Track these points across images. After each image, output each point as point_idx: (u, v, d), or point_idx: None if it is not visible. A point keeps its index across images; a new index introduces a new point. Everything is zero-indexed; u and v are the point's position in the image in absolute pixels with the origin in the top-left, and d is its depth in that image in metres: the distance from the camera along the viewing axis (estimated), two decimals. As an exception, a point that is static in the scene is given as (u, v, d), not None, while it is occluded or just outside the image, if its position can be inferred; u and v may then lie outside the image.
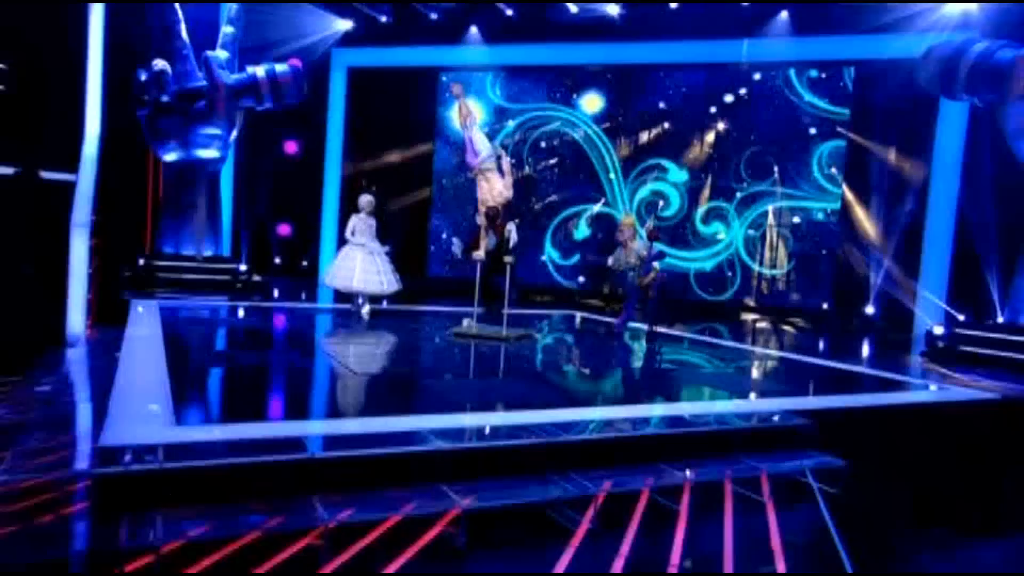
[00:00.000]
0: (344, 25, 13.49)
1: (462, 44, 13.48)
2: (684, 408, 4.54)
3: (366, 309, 8.42)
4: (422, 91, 14.35)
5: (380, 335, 7.28)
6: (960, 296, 10.92)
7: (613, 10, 12.12)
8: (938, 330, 7.52)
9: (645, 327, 8.00)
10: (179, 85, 10.45)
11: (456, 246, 9.00)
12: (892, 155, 11.66)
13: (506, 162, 7.36)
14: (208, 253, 11.09)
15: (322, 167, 14.52)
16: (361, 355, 5.90)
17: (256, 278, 11.00)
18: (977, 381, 5.97)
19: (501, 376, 5.30)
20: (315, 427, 3.46)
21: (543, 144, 13.99)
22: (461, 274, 14.33)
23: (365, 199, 8.52)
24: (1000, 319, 10.45)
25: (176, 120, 10.45)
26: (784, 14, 11.44)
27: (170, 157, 10.85)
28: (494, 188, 7.09)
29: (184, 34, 10.67)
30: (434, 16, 13.17)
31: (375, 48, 13.87)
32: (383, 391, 4.75)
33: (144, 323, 6.47)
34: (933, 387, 5.76)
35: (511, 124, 14.05)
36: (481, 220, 7.27)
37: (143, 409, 3.39)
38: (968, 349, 7.37)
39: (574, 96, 13.71)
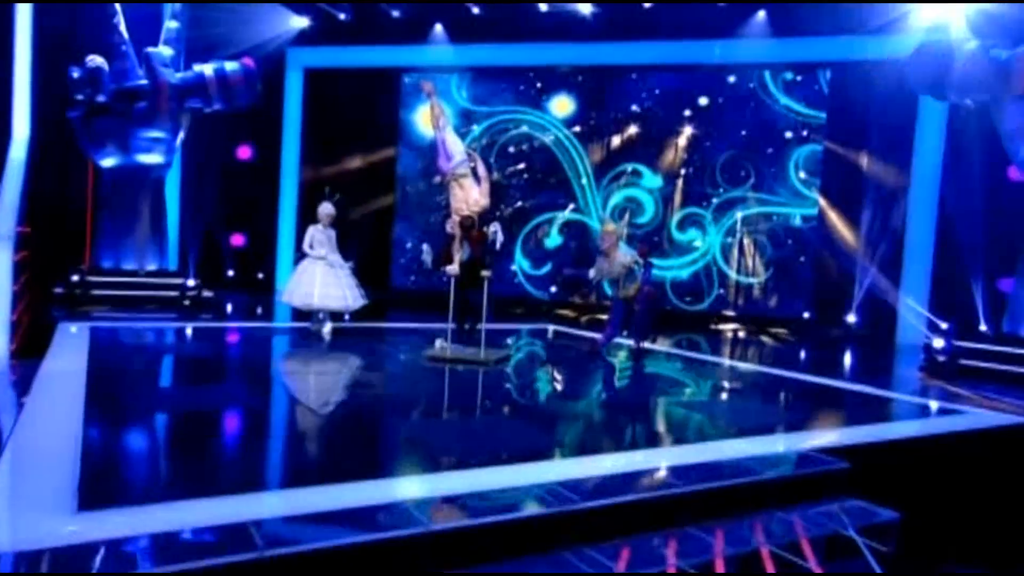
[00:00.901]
0: (300, 23, 12.71)
1: (426, 43, 12.83)
2: (700, 452, 3.96)
3: (327, 328, 7.70)
4: (384, 93, 13.64)
5: (343, 360, 6.58)
6: (942, 303, 10.69)
7: (585, 9, 11.61)
8: (938, 343, 7.15)
9: (631, 343, 7.46)
10: (117, 84, 9.57)
11: (426, 254, 8.32)
12: (870, 159, 11.41)
13: (482, 167, 6.75)
14: (152, 267, 10.20)
15: (278, 173, 13.70)
16: (322, 389, 5.20)
17: (206, 294, 10.15)
18: (1000, 401, 5.57)
19: (482, 412, 4.68)
20: (267, 504, 2.78)
21: (511, 149, 13.41)
22: (426, 285, 13.68)
23: (325, 209, 7.81)
24: (984, 327, 10.25)
25: (113, 122, 9.58)
26: (761, 14, 11.09)
27: (108, 162, 9.95)
28: (469, 196, 6.46)
29: (123, 28, 9.80)
30: (396, 14, 12.49)
31: (334, 48, 13.13)
32: (348, 439, 4.04)
33: (68, 353, 5.65)
34: (941, 409, 5.33)
35: (477, 128, 13.43)
36: (454, 229, 6.63)
37: (36, 486, 2.66)
38: (970, 363, 7.01)
39: (544, 98, 13.17)
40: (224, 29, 11.52)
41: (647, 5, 11.40)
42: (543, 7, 11.80)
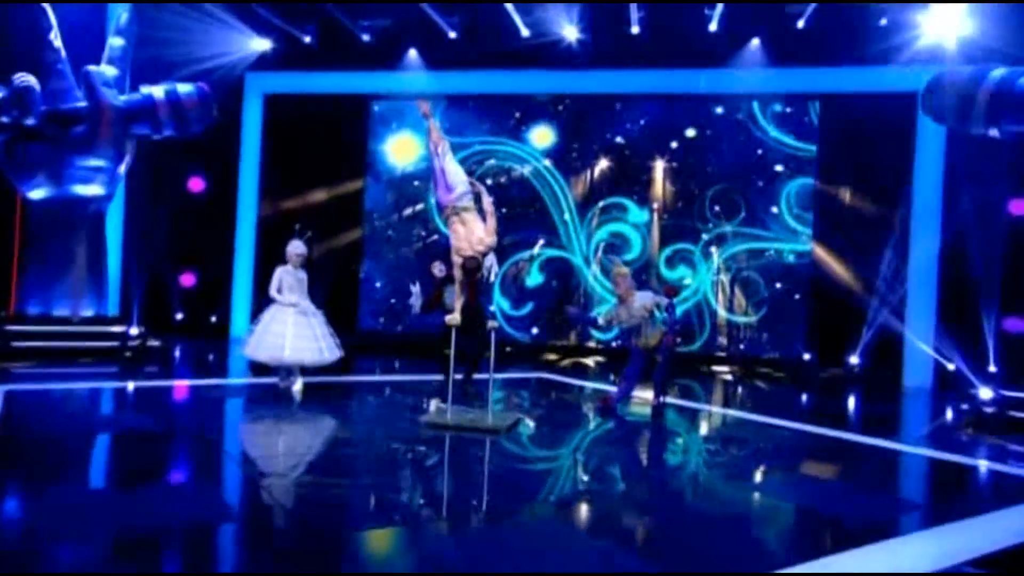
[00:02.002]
0: (261, 45, 11.74)
1: (398, 69, 12.00)
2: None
3: (298, 385, 6.64)
4: (351, 122, 12.73)
5: (319, 429, 5.53)
6: (948, 344, 10.21)
7: (571, 34, 10.98)
8: (986, 394, 6.50)
9: (648, 396, 6.61)
10: (51, 106, 8.42)
11: (415, 297, 7.38)
12: (865, 193, 10.99)
13: (487, 200, 5.87)
14: (88, 313, 8.93)
15: (233, 207, 12.56)
16: (297, 482, 4.09)
17: (153, 342, 8.91)
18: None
19: (518, 515, 3.65)
20: None
21: (489, 181, 12.54)
22: (398, 328, 12.66)
23: (294, 248, 6.81)
24: (993, 369, 9.76)
25: (44, 148, 8.39)
26: (755, 42, 10.62)
27: (37, 194, 8.73)
28: (473, 233, 5.56)
29: (58, 44, 8.68)
30: (367, 37, 11.66)
31: (296, 73, 12.20)
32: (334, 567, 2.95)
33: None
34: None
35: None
36: (448, 272, 5.71)
37: None
38: (1019, 415, 6.38)
39: (523, 128, 12.45)
40: (175, 49, 10.48)
41: (635, 31, 10.82)
42: (524, 31, 11.12)
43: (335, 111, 12.48)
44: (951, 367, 10.13)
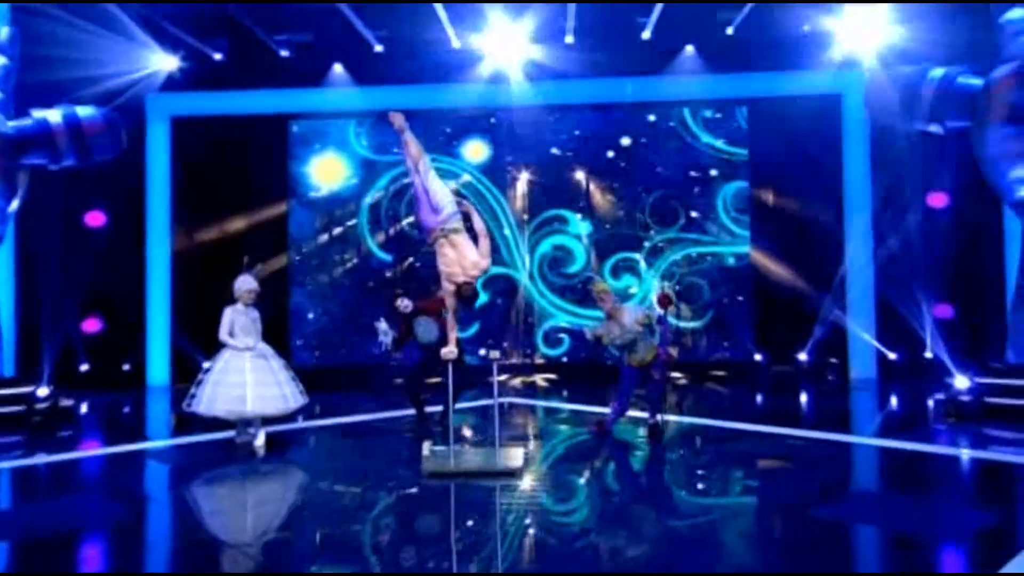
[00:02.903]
0: (167, 64, 10.67)
1: (320, 86, 11.27)
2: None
3: (260, 440, 5.88)
4: (268, 143, 11.85)
5: (303, 492, 4.86)
6: (888, 335, 10.61)
7: (503, 46, 10.66)
8: (962, 383, 6.64)
9: (645, 416, 6.32)
10: (-77, 135, 7.22)
11: (384, 334, 6.78)
12: (798, 193, 11.27)
13: (479, 220, 5.40)
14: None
15: (141, 241, 11.36)
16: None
17: (65, 402, 7.78)
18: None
19: None
20: None
21: (424, 200, 12.04)
22: (334, 360, 11.81)
23: (244, 284, 6.09)
24: (929, 355, 10.21)
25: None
26: (690, 49, 10.70)
27: (-87, 240, 7.45)
28: (465, 257, 5.08)
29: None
30: (285, 53, 10.87)
31: (207, 93, 11.23)
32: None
33: None
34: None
35: (382, 180, 11.97)
36: (448, 302, 5.19)
37: None
38: (993, 401, 6.55)
39: (455, 143, 12.00)
40: (68, 71, 9.32)
41: (569, 40, 10.65)
42: (455, 44, 10.71)
43: (251, 133, 11.59)
44: (892, 356, 10.53)
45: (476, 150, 11.97)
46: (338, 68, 11.04)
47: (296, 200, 12.02)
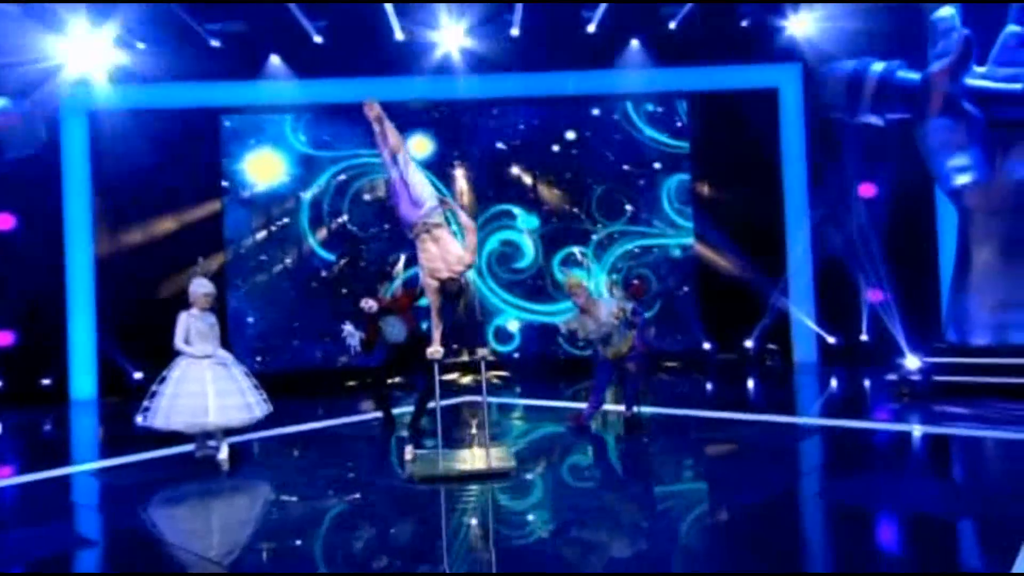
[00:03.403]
0: (84, 53, 9.86)
1: (255, 78, 10.74)
2: None
3: (224, 453, 5.50)
4: (199, 140, 11.21)
5: (284, 507, 4.54)
6: (827, 319, 11.05)
7: (448, 37, 10.44)
8: (913, 363, 6.95)
9: (621, 410, 6.30)
10: None
11: (351, 336, 6.49)
12: (738, 184, 11.57)
13: (464, 215, 5.21)
14: None
15: (59, 246, 10.52)
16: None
17: (-14, 424, 7.08)
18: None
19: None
20: None
21: (367, 196, 11.71)
22: (277, 366, 11.28)
23: (199, 287, 5.67)
24: (864, 338, 10.71)
25: None
26: (635, 43, 10.78)
27: None
28: (449, 252, 4.90)
29: None
30: (216, 43, 10.28)
31: (130, 86, 10.47)
32: None
33: None
34: None
35: (323, 176, 11.54)
36: (430, 298, 4.99)
37: None
38: (943, 379, 6.90)
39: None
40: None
41: (514, 33, 10.54)
42: (399, 35, 10.41)
43: (180, 128, 10.91)
44: (831, 340, 10.98)
45: (420, 145, 11.68)
46: (275, 60, 10.54)
47: (230, 198, 11.42)
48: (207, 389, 5.28)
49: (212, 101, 11.09)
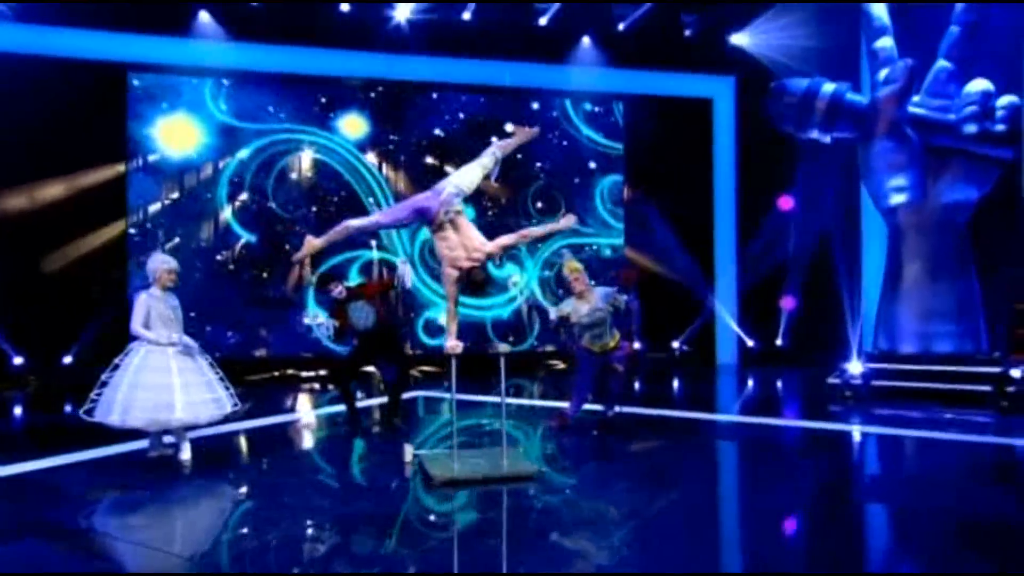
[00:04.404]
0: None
1: (173, 35, 9.69)
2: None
3: (187, 452, 4.86)
4: (101, 97, 9.94)
5: (278, 523, 4.02)
6: (747, 323, 11.63)
7: (402, 14, 9.93)
8: (855, 368, 7.41)
9: (602, 409, 6.21)
10: None
11: (324, 326, 5.96)
12: (670, 189, 11.90)
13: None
14: None
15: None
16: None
17: None
18: None
19: None
20: None
21: (293, 176, 10.91)
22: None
23: (160, 263, 4.98)
24: (779, 342, 11.36)
25: None
26: (587, 41, 10.77)
27: None
28: (469, 239, 4.57)
29: None
30: (134, -10, 9.16)
31: (21, 26, 9.12)
32: None
33: None
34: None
35: (246, 150, 10.62)
36: (449, 290, 4.64)
37: None
38: (881, 384, 7.42)
39: (331, 116, 10.98)
40: None
41: (466, 16, 10.20)
42: (344, 6, 9.77)
43: (80, 82, 9.61)
44: (750, 343, 11.57)
45: (354, 125, 11.05)
46: (204, 16, 9.54)
47: (136, 166, 10.23)
48: (172, 381, 4.62)
49: (120, 55, 9.87)
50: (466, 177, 4.73)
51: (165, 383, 4.60)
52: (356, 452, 5.54)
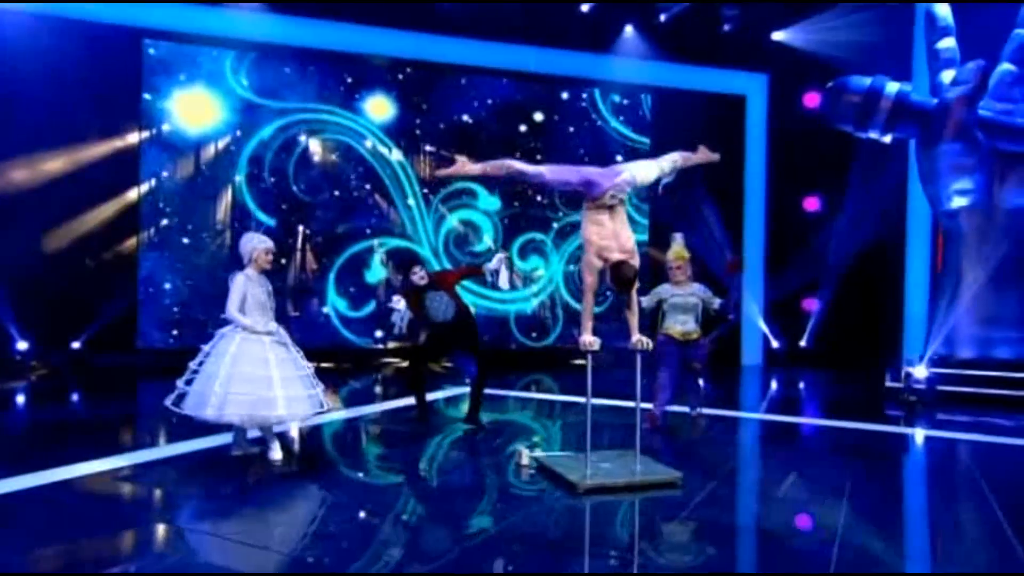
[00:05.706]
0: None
1: (194, 1, 9.07)
2: None
3: (277, 453, 4.41)
4: (116, 60, 9.25)
5: (448, 529, 3.64)
6: (774, 324, 11.52)
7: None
8: (921, 372, 7.30)
9: (688, 410, 5.94)
10: None
11: (399, 315, 5.52)
12: (699, 186, 11.71)
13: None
14: None
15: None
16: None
17: None
18: None
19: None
20: None
21: (316, 158, 10.36)
22: (194, 343, 9.53)
23: (257, 242, 4.52)
24: (803, 343, 11.29)
25: None
26: (629, 29, 10.47)
27: None
28: (624, 229, 4.22)
29: None
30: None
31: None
32: None
33: None
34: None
35: (268, 129, 10.03)
36: (589, 280, 4.28)
37: None
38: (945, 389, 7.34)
39: (356, 96, 10.46)
40: None
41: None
42: (383, -21, 9.27)
43: (90, 46, 8.94)
44: (776, 344, 11.47)
45: (380, 106, 10.55)
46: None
47: (150, 140, 9.55)
48: (271, 374, 4.16)
49: (135, 20, 9.19)
50: (643, 171, 4.39)
51: (264, 376, 4.14)
52: (452, 453, 5.12)
